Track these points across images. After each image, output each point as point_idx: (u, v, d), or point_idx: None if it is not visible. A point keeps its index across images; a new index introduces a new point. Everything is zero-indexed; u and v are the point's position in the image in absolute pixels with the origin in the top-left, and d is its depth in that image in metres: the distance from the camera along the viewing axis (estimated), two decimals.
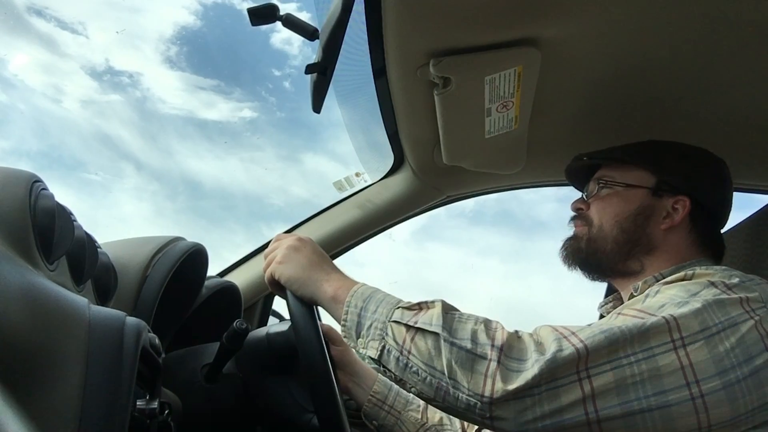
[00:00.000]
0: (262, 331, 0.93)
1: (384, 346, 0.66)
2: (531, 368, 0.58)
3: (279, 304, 1.58)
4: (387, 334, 0.66)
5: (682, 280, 0.71)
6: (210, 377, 0.87)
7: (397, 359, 0.65)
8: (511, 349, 0.61)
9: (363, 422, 1.00)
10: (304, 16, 0.83)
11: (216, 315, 1.15)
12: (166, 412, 0.68)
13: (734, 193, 0.90)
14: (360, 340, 0.69)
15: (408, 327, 0.65)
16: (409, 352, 0.64)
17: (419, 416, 0.95)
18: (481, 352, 0.61)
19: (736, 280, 0.67)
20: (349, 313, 0.70)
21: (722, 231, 0.90)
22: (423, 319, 0.65)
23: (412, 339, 0.64)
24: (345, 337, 0.71)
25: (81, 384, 0.44)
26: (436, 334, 0.63)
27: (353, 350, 0.97)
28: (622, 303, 0.89)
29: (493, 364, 0.60)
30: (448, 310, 0.67)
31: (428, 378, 0.63)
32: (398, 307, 0.68)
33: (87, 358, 0.46)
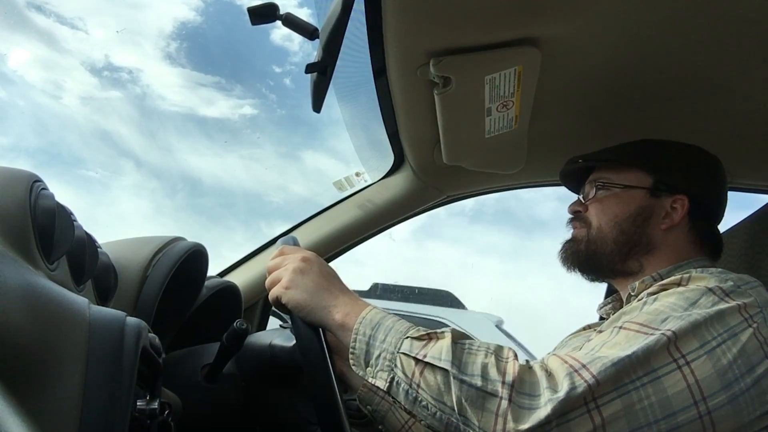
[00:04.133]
0: (264, 339, 0.93)
1: (393, 378, 0.65)
2: (543, 407, 0.58)
3: None
4: (396, 365, 0.65)
5: (678, 284, 0.70)
6: (210, 377, 0.87)
7: (407, 392, 0.64)
8: (522, 384, 0.60)
9: (363, 422, 1.00)
10: (305, 12, 0.83)
11: (216, 315, 1.15)
12: (166, 412, 0.68)
13: (734, 193, 0.90)
14: (369, 369, 0.68)
15: (417, 360, 0.64)
16: (419, 386, 0.63)
17: None
18: (491, 389, 0.60)
19: (731, 284, 0.67)
20: (357, 341, 0.69)
21: (722, 231, 0.90)
22: (432, 353, 0.63)
23: (421, 373, 0.63)
24: (353, 365, 0.70)
25: (81, 384, 0.44)
26: (445, 370, 0.62)
27: None
28: (621, 304, 0.89)
29: (504, 403, 0.59)
30: (457, 340, 0.65)
31: (438, 413, 0.62)
32: (407, 337, 0.66)
33: (87, 358, 0.46)
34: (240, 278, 1.40)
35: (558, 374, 0.60)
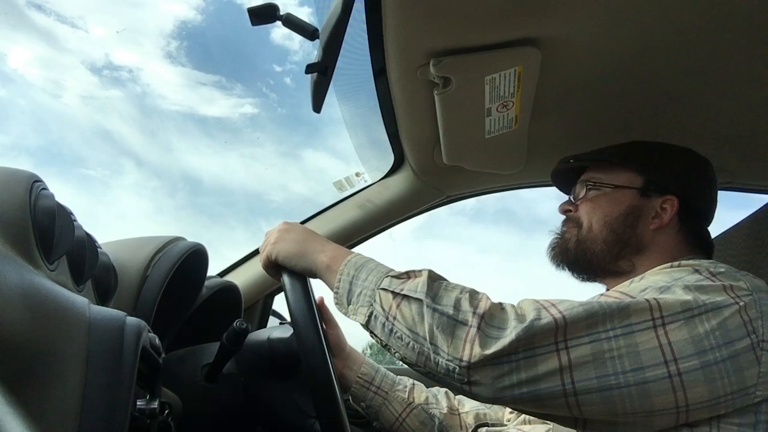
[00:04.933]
0: (263, 335, 0.93)
1: (371, 313, 0.69)
2: (509, 335, 0.60)
3: (279, 305, 1.58)
4: (375, 300, 0.69)
5: (669, 268, 0.72)
6: (210, 377, 0.87)
7: (383, 325, 0.68)
8: (492, 317, 0.63)
9: (363, 422, 1.00)
10: (305, 12, 0.83)
11: (216, 315, 1.15)
12: (166, 412, 0.68)
13: (734, 193, 0.90)
14: (350, 306, 0.72)
15: (395, 294, 0.68)
16: (395, 318, 0.67)
17: (406, 396, 0.96)
18: (462, 318, 0.63)
19: (722, 269, 0.68)
20: (341, 281, 0.73)
21: (721, 231, 0.90)
22: (409, 287, 0.68)
23: (398, 306, 0.67)
24: (336, 303, 0.74)
25: (81, 384, 0.44)
26: (420, 300, 0.65)
27: (343, 334, 0.99)
28: None
29: (473, 330, 0.61)
30: (434, 278, 0.69)
31: (411, 343, 0.65)
32: (387, 276, 0.71)
33: (87, 358, 0.46)
34: (240, 278, 1.40)
35: (527, 310, 0.63)
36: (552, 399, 0.60)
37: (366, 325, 0.70)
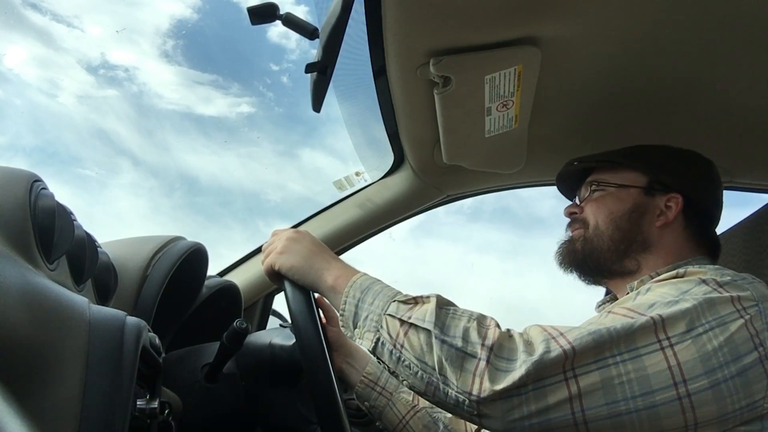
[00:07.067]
0: (264, 339, 0.93)
1: (378, 339, 0.68)
2: (518, 369, 0.59)
3: (279, 304, 1.58)
4: (382, 327, 0.68)
5: (675, 278, 0.71)
6: (210, 377, 0.87)
7: (391, 352, 0.67)
8: (501, 348, 0.62)
9: (363, 422, 1.00)
10: (302, 10, 0.83)
11: (216, 315, 1.15)
12: (167, 411, 0.68)
13: (734, 193, 0.90)
14: (357, 330, 0.71)
15: (402, 322, 0.67)
16: (402, 346, 0.66)
17: (410, 398, 0.96)
18: (471, 350, 0.62)
19: (727, 278, 0.67)
20: (347, 304, 0.72)
21: (721, 231, 0.90)
22: (417, 315, 0.66)
23: (406, 334, 0.66)
24: (342, 326, 0.73)
25: (81, 384, 0.44)
26: (428, 330, 0.64)
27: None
28: None
29: (482, 364, 0.61)
30: (442, 305, 0.68)
31: (419, 373, 0.64)
32: (394, 301, 0.69)
33: (87, 358, 0.46)
34: (240, 278, 1.40)
35: (536, 341, 0.62)
36: (562, 428, 0.59)
37: (373, 351, 0.69)
